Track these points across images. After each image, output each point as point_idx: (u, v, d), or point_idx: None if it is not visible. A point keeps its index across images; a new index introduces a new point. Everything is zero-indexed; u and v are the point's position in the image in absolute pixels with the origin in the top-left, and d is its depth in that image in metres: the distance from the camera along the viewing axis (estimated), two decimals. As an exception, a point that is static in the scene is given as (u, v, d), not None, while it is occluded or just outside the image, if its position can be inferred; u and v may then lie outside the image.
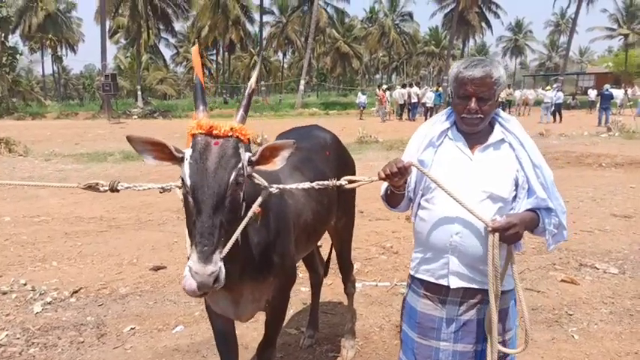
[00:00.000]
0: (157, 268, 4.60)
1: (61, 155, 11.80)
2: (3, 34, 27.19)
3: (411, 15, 57.45)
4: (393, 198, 1.96)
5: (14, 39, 43.07)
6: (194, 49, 2.02)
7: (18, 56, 31.54)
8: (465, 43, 52.95)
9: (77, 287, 4.17)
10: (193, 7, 41.91)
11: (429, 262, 1.92)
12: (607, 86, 20.44)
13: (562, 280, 4.31)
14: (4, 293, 4.01)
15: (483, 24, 46.39)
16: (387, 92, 25.70)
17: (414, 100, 24.57)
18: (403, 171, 1.76)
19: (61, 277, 4.39)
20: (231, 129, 1.65)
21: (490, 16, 47.20)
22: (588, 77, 46.43)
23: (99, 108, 29.30)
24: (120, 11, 38.21)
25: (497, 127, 1.89)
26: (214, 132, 1.63)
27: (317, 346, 3.33)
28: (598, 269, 4.58)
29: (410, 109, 24.99)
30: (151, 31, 37.34)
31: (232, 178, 1.58)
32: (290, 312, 3.82)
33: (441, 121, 1.96)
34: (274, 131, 3.30)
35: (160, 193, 1.93)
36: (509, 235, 1.72)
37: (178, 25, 47.14)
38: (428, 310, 1.94)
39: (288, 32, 51.34)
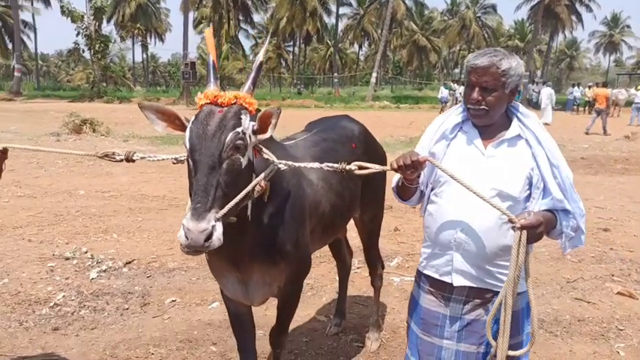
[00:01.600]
0: (204, 247, 4.82)
1: (138, 137, 12.62)
2: (97, 23, 29.37)
3: (494, 7, 55.00)
4: (405, 190, 1.94)
5: (109, 28, 46.50)
6: (207, 32, 2.07)
7: (111, 44, 34.00)
8: (554, 37, 49.80)
9: (131, 258, 4.49)
10: (272, -1, 42.91)
11: (434, 257, 1.89)
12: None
13: (618, 293, 4.01)
14: (67, 259, 4.40)
15: (574, 17, 43.31)
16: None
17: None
18: (417, 165, 1.72)
19: (118, 249, 4.74)
20: (236, 97, 1.71)
21: (582, 10, 44.00)
22: (693, 77, 42.02)
23: (179, 94, 30.88)
24: (204, 2, 39.97)
25: (515, 122, 1.82)
26: (219, 100, 1.69)
27: (343, 334, 3.36)
28: (663, 285, 4.20)
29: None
30: (231, 22, 38.63)
31: (229, 139, 1.61)
32: (323, 299, 3.88)
33: (456, 113, 1.91)
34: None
35: (174, 164, 1.97)
36: (536, 234, 1.65)
37: (258, 17, 48.63)
38: (432, 307, 1.92)
39: (365, 24, 51.09)
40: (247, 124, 1.70)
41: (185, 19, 30.79)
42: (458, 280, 1.82)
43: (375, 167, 1.88)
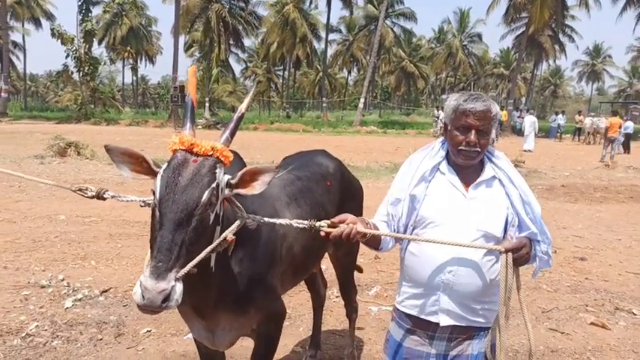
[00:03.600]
0: (183, 275, 4.80)
1: (123, 160, 12.58)
2: (87, 46, 29.53)
3: (480, 36, 56.25)
4: (370, 242, 1.89)
5: (99, 50, 46.71)
6: (190, 70, 2.04)
7: (101, 66, 34.12)
8: (538, 66, 51.00)
9: (108, 287, 4.45)
10: (263, 25, 43.56)
11: (418, 297, 1.89)
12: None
13: (591, 323, 4.06)
14: (43, 287, 4.35)
15: (557, 47, 44.48)
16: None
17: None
18: (347, 237, 1.73)
19: (95, 276, 4.70)
20: (213, 149, 1.64)
21: (564, 39, 45.23)
22: (673, 106, 43.11)
23: (167, 117, 30.94)
24: (195, 26, 40.42)
25: (487, 163, 1.90)
26: (195, 149, 1.62)
27: (318, 366, 3.35)
28: (635, 315, 4.27)
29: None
30: (222, 46, 39.06)
31: (205, 197, 1.54)
32: (300, 329, 3.87)
33: (431, 155, 1.94)
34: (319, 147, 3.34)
35: (141, 207, 1.88)
36: (521, 254, 1.75)
37: (249, 42, 49.20)
38: (415, 346, 1.92)
39: (354, 50, 51.90)
40: (221, 177, 1.64)
41: (175, 43, 31.08)
42: (445, 320, 1.84)
43: (342, 228, 1.75)
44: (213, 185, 1.59)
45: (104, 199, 1.91)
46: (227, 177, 1.68)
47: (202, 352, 2.29)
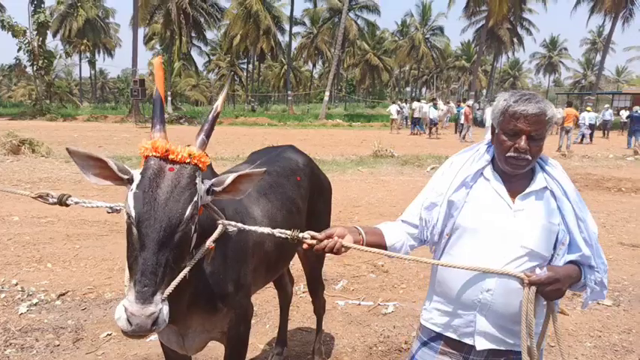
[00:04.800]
0: (145, 275, 4.66)
1: (81, 158, 12.14)
2: (40, 39, 28.32)
3: (442, 29, 57.18)
4: (374, 246, 1.72)
5: (54, 42, 44.93)
6: (156, 61, 1.86)
7: (56, 60, 32.80)
8: (497, 58, 52.27)
9: (65, 290, 4.28)
10: (225, 17, 42.86)
11: (451, 316, 1.74)
12: (637, 108, 19.84)
13: (551, 310, 4.18)
14: (-5, 292, 4.15)
15: (515, 40, 45.69)
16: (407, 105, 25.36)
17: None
18: (331, 251, 1.63)
19: (52, 280, 4.51)
20: (190, 155, 1.50)
21: (522, 32, 46.50)
22: (624, 97, 45.03)
23: (128, 112, 30.10)
24: (155, 18, 39.39)
25: (539, 172, 1.70)
26: (170, 157, 1.48)
27: (285, 363, 3.32)
28: (592, 300, 4.41)
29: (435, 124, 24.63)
30: (183, 39, 38.23)
31: (188, 212, 1.43)
32: (266, 327, 3.83)
33: (476, 158, 1.76)
34: (288, 142, 3.26)
35: (108, 213, 1.76)
36: (549, 291, 1.56)
37: (211, 34, 48.37)
38: None
39: (318, 43, 51.86)
40: (201, 187, 1.53)
41: (135, 35, 30.21)
42: (481, 344, 1.69)
43: (326, 242, 1.65)
44: (196, 199, 1.47)
45: (67, 205, 1.75)
46: (207, 183, 1.58)
47: (169, 357, 2.20)
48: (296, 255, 3.17)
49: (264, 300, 4.24)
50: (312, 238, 1.67)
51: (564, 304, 4.28)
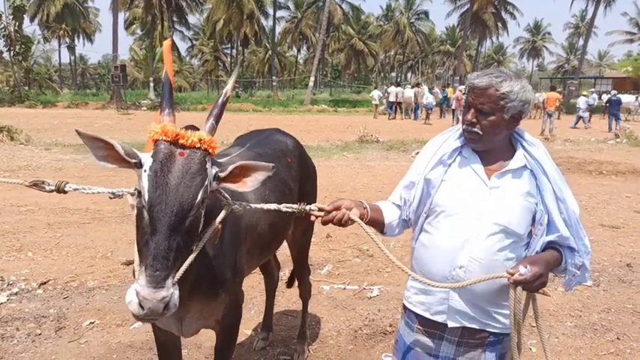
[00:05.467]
0: (128, 263, 4.61)
1: (62, 145, 11.92)
2: (17, 23, 27.50)
3: (426, 13, 57.10)
4: (373, 225, 1.74)
5: (32, 28, 43.79)
6: (166, 44, 1.85)
7: (34, 45, 31.99)
8: (482, 43, 52.39)
9: (46, 279, 4.22)
10: (208, 1, 42.13)
11: (425, 294, 1.74)
12: (614, 92, 20.09)
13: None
14: (-27, 282, 4.07)
15: (500, 24, 45.77)
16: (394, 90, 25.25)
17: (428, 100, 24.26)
18: (339, 223, 1.63)
19: (32, 268, 4.44)
20: (200, 140, 1.49)
21: (507, 17, 46.60)
22: (606, 81, 45.56)
23: (109, 98, 29.57)
24: (135, 2, 38.55)
25: (520, 151, 1.68)
26: (180, 141, 1.47)
27: (270, 348, 3.33)
28: (572, 281, 4.49)
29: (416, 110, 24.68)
30: (165, 23, 37.51)
31: (199, 197, 1.43)
32: (252, 312, 3.83)
33: (455, 136, 1.75)
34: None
35: (110, 199, 1.71)
36: (535, 286, 1.55)
37: (194, 19, 47.57)
38: (423, 349, 1.77)
39: (303, 28, 51.40)
40: (211, 173, 1.52)
41: (115, 20, 29.60)
42: (453, 321, 1.69)
43: (334, 213, 1.64)
44: (206, 183, 1.48)
45: (65, 192, 1.69)
46: (215, 169, 1.57)
47: (160, 341, 2.18)
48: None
49: (250, 286, 4.23)
50: (320, 210, 1.66)
51: (547, 285, 4.35)
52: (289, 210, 1.70)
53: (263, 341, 3.32)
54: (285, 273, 4.43)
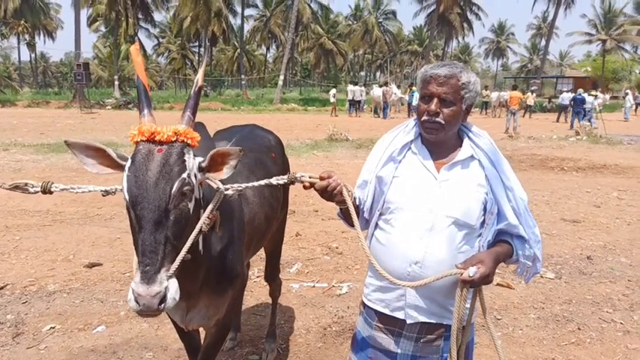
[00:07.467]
0: (91, 265, 4.49)
1: (21, 145, 11.49)
2: (-27, 19, 26.41)
3: (394, 13, 57.68)
4: (345, 215, 1.77)
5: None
6: (133, 48, 1.82)
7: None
8: (448, 43, 53.26)
9: (3, 283, 4.05)
10: (174, -2, 41.42)
11: (383, 291, 1.74)
12: (580, 91, 20.76)
13: (497, 284, 4.33)
14: None
15: (465, 25, 46.65)
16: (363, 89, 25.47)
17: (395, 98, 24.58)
18: (332, 191, 1.65)
19: (-11, 273, 4.26)
20: (175, 133, 1.51)
21: (472, 17, 47.52)
22: (567, 81, 47.06)
23: (72, 97, 28.70)
24: (98, -1, 37.52)
25: (466, 142, 1.70)
26: (157, 138, 1.49)
27: (238, 348, 3.29)
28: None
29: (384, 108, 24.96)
30: (130, 20, 36.68)
31: (175, 189, 1.44)
32: (219, 313, 3.77)
33: (404, 132, 1.76)
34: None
35: (103, 196, 1.70)
36: (480, 283, 1.57)
37: (160, 16, 46.70)
38: (381, 345, 1.76)
39: (272, 26, 51.13)
40: (192, 163, 1.53)
41: (77, 16, 28.61)
42: (412, 317, 1.69)
43: (328, 180, 1.68)
44: (184, 175, 1.47)
45: (51, 192, 1.66)
46: (198, 160, 1.57)
47: (180, 331, 2.23)
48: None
49: (217, 286, 4.17)
50: (310, 177, 1.71)
51: (510, 279, 4.45)
52: (280, 182, 1.78)
53: (231, 341, 3.27)
54: (254, 272, 4.40)
